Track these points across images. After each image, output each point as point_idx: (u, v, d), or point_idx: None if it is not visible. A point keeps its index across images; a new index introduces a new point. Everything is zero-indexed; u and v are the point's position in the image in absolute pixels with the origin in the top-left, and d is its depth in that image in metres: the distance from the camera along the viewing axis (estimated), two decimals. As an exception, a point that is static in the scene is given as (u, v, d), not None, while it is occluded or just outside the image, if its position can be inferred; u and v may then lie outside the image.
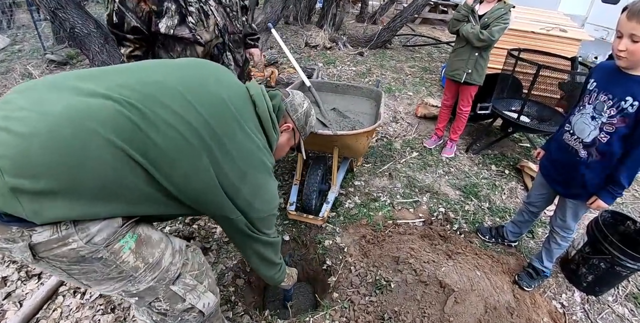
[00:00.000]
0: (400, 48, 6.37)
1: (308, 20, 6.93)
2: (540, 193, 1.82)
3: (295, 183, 2.29)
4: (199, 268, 1.14)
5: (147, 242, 0.98)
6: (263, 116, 1.12)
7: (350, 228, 2.23)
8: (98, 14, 7.02)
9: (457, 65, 2.75)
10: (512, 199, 2.62)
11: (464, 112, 2.95)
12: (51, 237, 0.79)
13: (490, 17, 2.51)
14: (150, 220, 1.09)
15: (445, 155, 3.07)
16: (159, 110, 0.88)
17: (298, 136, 1.34)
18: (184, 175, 0.92)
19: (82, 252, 0.84)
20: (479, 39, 2.51)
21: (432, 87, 4.57)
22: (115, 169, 0.82)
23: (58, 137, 0.76)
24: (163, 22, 1.49)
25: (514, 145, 3.39)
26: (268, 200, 1.15)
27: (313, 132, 1.78)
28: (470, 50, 2.65)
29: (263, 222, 1.17)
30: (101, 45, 4.45)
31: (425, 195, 2.56)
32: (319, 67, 4.63)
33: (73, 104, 0.80)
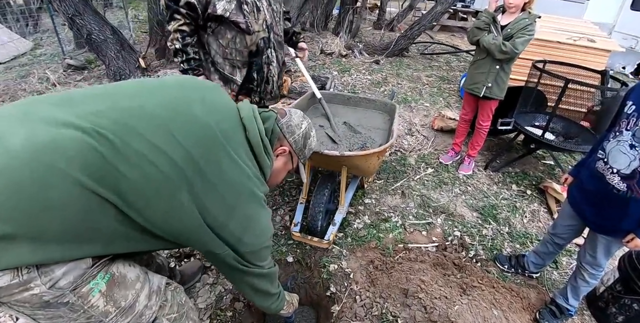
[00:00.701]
0: (418, 56, 6.21)
1: (325, 27, 6.85)
2: (568, 224, 1.65)
3: (301, 201, 2.18)
4: (178, 310, 1.05)
5: (120, 283, 0.89)
6: (254, 141, 1.02)
7: (358, 251, 2.09)
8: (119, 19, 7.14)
9: (477, 78, 2.59)
10: (534, 223, 2.44)
11: (484, 127, 2.78)
12: (11, 281, 0.72)
13: (513, 27, 2.35)
14: (132, 254, 1.00)
15: (463, 173, 2.91)
16: (132, 140, 0.78)
17: (296, 160, 1.23)
18: (162, 213, 0.83)
19: (45, 297, 0.76)
20: (501, 51, 2.35)
21: (450, 98, 4.40)
22: (83, 211, 0.74)
23: (15, 179, 0.68)
24: (221, 4, 1.61)
25: (537, 163, 3.19)
26: (259, 234, 1.05)
27: (319, 151, 1.67)
28: (491, 63, 2.49)
29: (255, 255, 1.07)
30: (117, 51, 4.48)
31: (439, 216, 2.41)
32: (334, 75, 4.52)
33: (38, 138, 0.72)
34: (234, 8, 1.64)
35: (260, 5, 1.73)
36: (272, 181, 1.21)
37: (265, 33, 1.79)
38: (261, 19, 1.75)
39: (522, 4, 2.35)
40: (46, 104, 0.80)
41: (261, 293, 1.22)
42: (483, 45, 2.45)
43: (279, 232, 2.22)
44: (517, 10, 2.38)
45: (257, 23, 1.73)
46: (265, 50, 1.83)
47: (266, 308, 1.30)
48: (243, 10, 1.66)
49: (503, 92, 2.59)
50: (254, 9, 1.70)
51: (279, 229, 2.24)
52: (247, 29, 1.70)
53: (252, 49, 1.79)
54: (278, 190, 2.59)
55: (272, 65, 1.91)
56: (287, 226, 2.25)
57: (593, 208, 1.44)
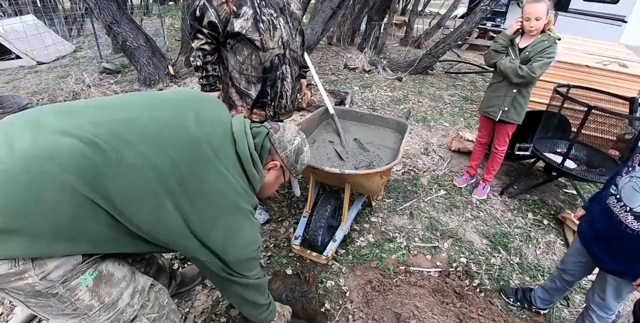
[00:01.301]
0: (442, 74, 6.16)
1: (351, 42, 6.94)
2: (577, 261, 1.56)
3: (304, 215, 2.17)
4: (159, 311, 1.08)
5: (106, 281, 0.95)
6: (243, 156, 1.05)
7: (358, 269, 2.06)
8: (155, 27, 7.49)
9: (493, 101, 2.51)
10: (547, 255, 2.32)
11: (499, 152, 2.69)
12: (9, 270, 0.79)
13: (531, 50, 2.26)
14: (125, 254, 1.04)
15: (476, 197, 2.82)
16: (123, 149, 0.84)
17: (288, 174, 1.25)
18: (147, 218, 0.88)
19: (37, 287, 0.84)
20: (518, 75, 2.26)
21: (471, 119, 4.31)
22: (74, 212, 0.80)
23: (13, 179, 0.76)
24: (238, 22, 1.69)
25: (558, 191, 3.06)
26: (244, 244, 1.06)
27: (321, 168, 1.67)
28: (507, 86, 2.41)
29: (240, 265, 1.09)
30: (149, 58, 4.69)
31: (446, 240, 2.34)
32: (354, 90, 4.55)
33: (40, 144, 0.80)
34: (250, 26, 1.70)
35: (277, 23, 1.78)
36: (263, 193, 1.24)
37: (281, 50, 1.83)
38: (277, 36, 1.79)
39: (542, 28, 2.25)
40: (51, 113, 0.88)
41: (249, 303, 1.22)
42: (499, 69, 2.38)
43: (282, 243, 2.22)
44: (537, 33, 2.29)
45: (272, 40, 1.78)
46: (279, 66, 1.87)
47: (255, 318, 1.29)
48: (259, 28, 1.72)
49: (520, 117, 2.49)
50: (270, 27, 1.75)
51: (282, 241, 2.24)
52: (262, 46, 1.76)
53: (267, 65, 1.83)
54: (286, 202, 2.60)
55: (286, 81, 1.94)
56: (290, 238, 2.24)
57: (603, 246, 1.36)
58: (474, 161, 2.95)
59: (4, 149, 0.78)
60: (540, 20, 2.19)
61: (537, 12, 2.16)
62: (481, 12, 5.23)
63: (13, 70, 5.02)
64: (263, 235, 2.27)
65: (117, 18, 4.35)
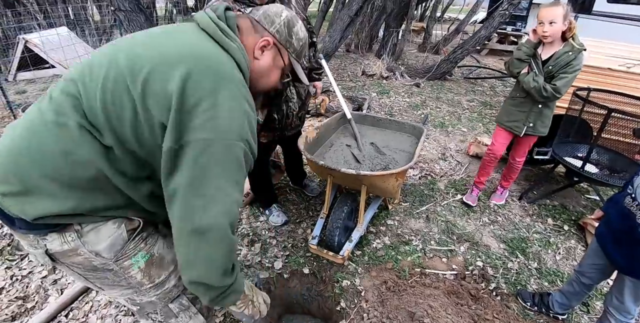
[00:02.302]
0: (461, 80, 6.14)
1: (369, 48, 7.01)
2: (594, 263, 1.56)
3: (322, 216, 2.23)
4: None
5: (157, 264, 1.04)
6: (208, 29, 0.94)
7: (373, 270, 2.09)
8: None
9: (516, 116, 2.37)
10: (567, 261, 2.29)
11: (518, 163, 2.59)
12: (62, 246, 0.88)
13: (555, 64, 2.10)
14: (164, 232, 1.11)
15: (495, 202, 2.76)
16: (92, 74, 0.87)
17: (286, 54, 1.09)
18: (127, 125, 0.85)
19: (94, 262, 0.92)
20: (542, 95, 2.14)
21: (490, 124, 4.29)
22: (66, 148, 0.83)
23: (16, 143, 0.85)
24: None
25: (579, 197, 3.00)
26: (226, 118, 0.84)
27: (337, 169, 1.73)
28: (532, 103, 2.29)
29: (210, 154, 0.82)
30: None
31: (463, 244, 2.34)
32: (371, 97, 4.60)
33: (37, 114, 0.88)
34: None
35: None
36: (262, 81, 1.09)
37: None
38: None
39: (558, 33, 2.08)
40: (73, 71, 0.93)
41: (200, 260, 0.85)
42: (523, 86, 2.24)
43: (299, 243, 2.28)
44: (554, 40, 2.12)
45: None
46: (284, 91, 1.88)
47: (201, 292, 0.91)
48: None
49: (547, 128, 2.38)
50: None
51: (300, 241, 2.30)
52: None
53: (271, 94, 1.84)
54: (304, 204, 2.67)
55: (291, 102, 1.96)
56: (307, 239, 2.30)
57: (620, 247, 1.36)
58: (482, 176, 2.73)
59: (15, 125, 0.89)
60: (554, 25, 2.04)
61: (551, 15, 2.02)
62: (500, 17, 5.21)
63: (48, 78, 5.32)
64: (281, 236, 2.34)
65: (145, 29, 4.57)
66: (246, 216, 2.52)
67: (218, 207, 0.83)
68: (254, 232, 2.37)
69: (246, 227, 2.42)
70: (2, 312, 1.78)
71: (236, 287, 0.96)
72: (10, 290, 1.91)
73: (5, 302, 1.83)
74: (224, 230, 0.85)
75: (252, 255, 2.18)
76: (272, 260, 2.15)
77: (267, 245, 2.26)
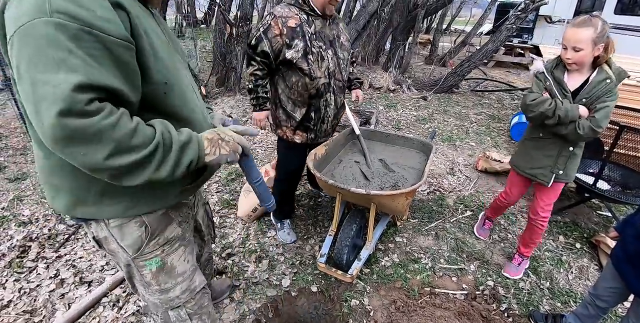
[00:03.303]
0: (468, 93, 6.15)
1: (375, 61, 7.07)
2: (610, 286, 1.52)
3: (330, 233, 2.22)
4: (197, 310, 1.26)
5: (167, 272, 1.14)
6: None
7: (382, 289, 2.07)
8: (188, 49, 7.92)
9: (541, 162, 1.91)
10: (581, 281, 2.24)
11: (540, 220, 2.02)
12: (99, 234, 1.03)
13: (590, 95, 1.68)
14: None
15: (508, 275, 2.18)
16: None
17: None
18: None
19: (120, 255, 1.07)
20: (578, 136, 1.69)
21: (498, 138, 4.27)
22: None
23: None
24: (290, 53, 1.84)
25: (591, 214, 2.96)
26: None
27: (347, 189, 1.73)
28: (562, 145, 1.83)
29: (16, 51, 0.71)
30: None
31: (473, 263, 2.31)
32: (379, 110, 4.62)
33: None
34: (301, 57, 1.85)
35: (326, 55, 1.91)
36: None
37: (327, 80, 1.96)
38: (324, 67, 1.93)
39: (584, 61, 1.66)
40: None
41: (89, 159, 0.73)
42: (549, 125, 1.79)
43: (308, 261, 2.27)
44: (582, 68, 1.71)
45: (320, 71, 1.92)
46: (324, 94, 2.00)
47: (138, 174, 0.80)
48: (308, 59, 1.86)
49: (575, 173, 1.95)
50: (319, 59, 1.89)
51: (308, 258, 2.29)
52: (310, 75, 1.90)
53: (312, 93, 1.97)
54: (312, 221, 2.66)
55: (329, 108, 2.07)
56: (315, 256, 2.29)
57: (637, 271, 1.33)
58: (495, 215, 2.52)
59: None
60: (580, 53, 1.62)
61: (576, 40, 1.61)
62: (507, 31, 5.24)
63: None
64: (289, 253, 2.34)
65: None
66: (254, 232, 2.52)
67: (46, 105, 0.67)
68: (262, 248, 2.37)
69: (254, 243, 2.41)
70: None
71: (180, 143, 0.84)
72: (18, 304, 1.92)
73: (13, 316, 1.84)
74: (71, 125, 0.68)
75: (259, 272, 2.17)
76: (280, 278, 2.13)
77: (275, 262, 2.26)
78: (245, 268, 2.21)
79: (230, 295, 2.00)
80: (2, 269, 2.13)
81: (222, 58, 5.55)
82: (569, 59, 1.67)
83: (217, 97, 5.23)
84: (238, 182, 3.14)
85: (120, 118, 0.74)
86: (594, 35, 1.57)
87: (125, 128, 0.74)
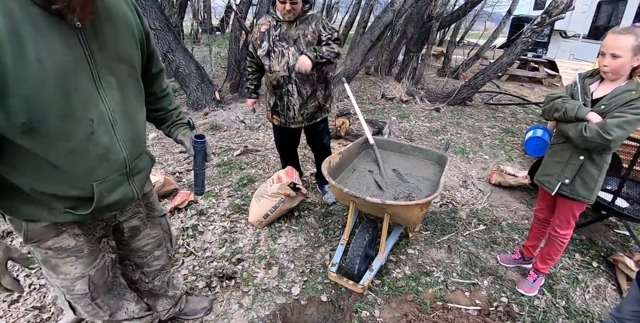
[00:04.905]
0: (481, 106, 6.11)
1: (388, 72, 7.09)
2: (635, 310, 1.47)
3: (342, 242, 2.20)
4: (77, 301, 1.27)
5: (51, 268, 1.18)
6: None
7: (393, 301, 2.03)
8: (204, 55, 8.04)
9: (551, 168, 1.88)
10: (597, 300, 2.18)
11: (560, 237, 1.98)
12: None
13: (609, 103, 1.60)
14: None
15: (522, 291, 2.13)
16: None
17: None
18: None
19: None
20: (583, 137, 1.61)
21: (512, 152, 4.22)
22: None
23: None
24: (259, 51, 2.35)
25: (608, 232, 2.89)
26: None
27: (362, 197, 1.71)
28: (572, 151, 1.77)
29: None
30: (198, 84, 5.04)
31: (486, 278, 2.26)
32: (391, 120, 4.61)
33: None
34: (264, 55, 2.32)
35: (287, 52, 2.27)
36: None
37: (286, 73, 2.32)
38: (283, 62, 2.29)
39: (623, 70, 1.59)
40: None
41: None
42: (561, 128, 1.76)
43: (318, 269, 2.24)
44: (616, 77, 1.63)
45: (279, 65, 2.30)
46: (285, 85, 2.37)
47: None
48: (270, 56, 2.31)
49: (592, 193, 1.79)
50: (279, 55, 2.29)
51: (318, 267, 2.26)
52: (270, 69, 2.34)
53: (274, 83, 2.38)
54: (323, 229, 2.64)
55: (292, 97, 2.41)
56: (326, 264, 2.26)
57: (663, 295, 1.29)
58: (530, 241, 2.30)
59: None
60: (618, 60, 1.55)
61: (615, 46, 1.54)
62: (522, 44, 5.22)
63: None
64: (299, 260, 2.31)
65: (173, 47, 4.76)
66: (264, 238, 2.51)
67: None
68: (271, 254, 2.35)
69: (264, 249, 2.40)
70: (18, 321, 1.78)
71: None
72: (28, 299, 1.93)
73: (22, 311, 1.84)
74: None
75: (269, 279, 2.15)
76: (289, 285, 2.11)
77: (284, 269, 2.23)
78: (255, 274, 2.19)
79: (206, 315, 1.87)
80: (14, 264, 2.14)
81: (237, 64, 5.62)
82: (606, 66, 1.60)
83: (230, 102, 5.28)
84: (249, 188, 3.14)
85: None
86: (635, 43, 1.51)
87: None
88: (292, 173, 2.59)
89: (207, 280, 2.11)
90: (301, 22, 2.28)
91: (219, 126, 4.52)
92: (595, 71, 1.74)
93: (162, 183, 2.84)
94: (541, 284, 2.20)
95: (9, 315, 1.82)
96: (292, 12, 2.18)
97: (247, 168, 3.52)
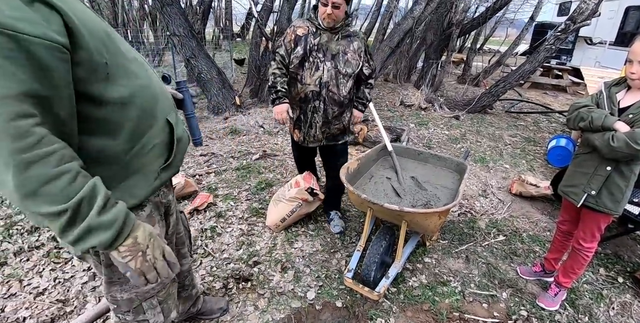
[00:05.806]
0: (502, 114, 6.01)
1: (407, 78, 7.07)
2: (661, 328, 1.41)
3: (358, 249, 2.20)
4: (167, 297, 1.24)
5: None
6: None
7: (409, 310, 2.01)
8: (224, 60, 8.22)
9: (576, 179, 1.82)
10: (623, 318, 2.10)
11: (584, 250, 1.92)
12: None
13: (638, 111, 1.55)
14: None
15: (543, 305, 2.07)
16: None
17: None
18: None
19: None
20: (610, 147, 1.56)
21: (533, 162, 4.13)
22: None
23: None
24: (292, 57, 2.15)
25: (635, 246, 2.78)
26: None
27: (380, 204, 1.72)
28: (599, 161, 1.70)
29: None
30: (219, 89, 5.15)
31: (505, 290, 2.21)
32: (410, 127, 4.59)
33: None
34: (297, 62, 2.13)
35: (322, 65, 2.12)
36: None
37: (317, 88, 2.17)
38: (316, 76, 2.14)
39: None
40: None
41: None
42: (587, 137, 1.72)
43: (333, 275, 2.25)
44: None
45: (310, 78, 2.14)
46: (312, 101, 2.20)
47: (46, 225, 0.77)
48: (303, 65, 2.14)
49: (619, 206, 1.73)
50: (312, 67, 2.13)
51: (334, 272, 2.27)
52: (300, 80, 2.17)
53: (301, 96, 2.20)
54: (339, 234, 2.64)
55: (317, 114, 2.25)
56: (341, 270, 2.26)
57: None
58: (552, 253, 2.23)
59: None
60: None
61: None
62: (545, 51, 5.13)
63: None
64: (315, 265, 2.32)
65: (195, 53, 4.89)
66: (281, 242, 2.53)
67: None
68: (287, 258, 2.37)
69: (280, 253, 2.42)
70: (42, 312, 1.85)
71: (93, 222, 0.75)
72: (52, 292, 2.00)
73: (47, 303, 1.91)
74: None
75: (284, 282, 2.16)
76: (305, 290, 2.12)
77: (300, 273, 2.24)
78: (271, 277, 2.21)
79: (222, 315, 1.90)
80: (40, 258, 2.23)
81: (257, 70, 5.72)
82: (633, 73, 1.54)
83: (250, 107, 5.37)
84: (267, 191, 3.18)
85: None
86: None
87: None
88: (309, 178, 2.61)
89: (223, 281, 2.14)
90: (343, 37, 2.14)
91: (238, 130, 4.60)
92: (621, 79, 1.69)
93: (183, 185, 2.91)
94: (563, 298, 2.13)
95: (34, 306, 1.89)
96: (331, 17, 2.03)
97: (266, 172, 3.57)
